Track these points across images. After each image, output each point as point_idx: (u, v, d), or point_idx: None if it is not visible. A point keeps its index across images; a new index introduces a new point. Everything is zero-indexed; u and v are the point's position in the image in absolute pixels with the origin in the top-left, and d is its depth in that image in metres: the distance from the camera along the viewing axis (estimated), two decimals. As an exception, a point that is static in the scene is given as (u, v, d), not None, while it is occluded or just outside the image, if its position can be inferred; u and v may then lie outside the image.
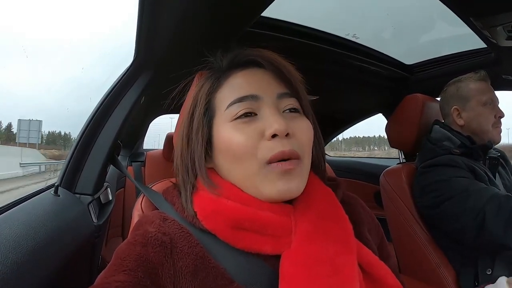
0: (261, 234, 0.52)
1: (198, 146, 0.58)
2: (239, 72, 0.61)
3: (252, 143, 0.53)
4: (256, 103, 0.56)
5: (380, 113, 2.24)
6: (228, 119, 0.57)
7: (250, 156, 0.53)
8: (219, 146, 0.58)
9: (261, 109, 0.56)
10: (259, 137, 0.54)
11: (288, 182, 0.53)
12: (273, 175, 0.53)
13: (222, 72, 0.63)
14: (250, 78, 0.60)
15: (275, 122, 0.53)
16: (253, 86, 0.58)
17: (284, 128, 0.52)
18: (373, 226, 0.69)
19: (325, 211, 0.56)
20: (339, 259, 0.49)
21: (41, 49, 54.26)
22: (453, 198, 1.15)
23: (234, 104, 0.57)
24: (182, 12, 0.89)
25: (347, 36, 1.49)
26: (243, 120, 0.56)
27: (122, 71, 1.25)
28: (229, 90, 0.60)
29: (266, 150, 0.53)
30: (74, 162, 1.08)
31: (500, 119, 1.31)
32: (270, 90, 0.58)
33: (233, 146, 0.55)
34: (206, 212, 0.55)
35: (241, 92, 0.57)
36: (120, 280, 0.45)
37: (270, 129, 0.53)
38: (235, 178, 0.57)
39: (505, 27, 1.01)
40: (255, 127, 0.55)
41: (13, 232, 0.65)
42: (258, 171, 0.53)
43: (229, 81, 0.61)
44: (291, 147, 0.53)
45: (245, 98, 0.56)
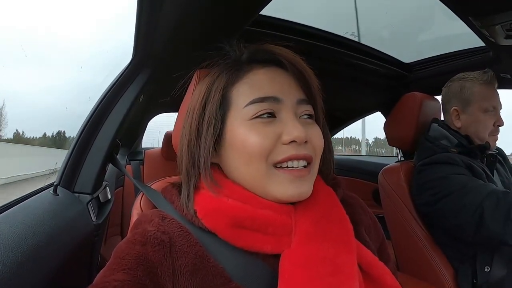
0: (262, 233, 0.52)
1: (208, 139, 0.57)
2: (261, 69, 0.60)
3: (268, 145, 0.53)
4: (277, 105, 0.56)
5: (378, 111, 2.24)
6: (246, 117, 0.56)
7: (261, 158, 0.53)
8: (231, 143, 0.57)
9: (281, 112, 0.56)
10: (275, 140, 0.54)
11: (300, 187, 0.53)
12: (283, 179, 0.53)
13: (241, 65, 0.61)
14: (273, 78, 0.58)
15: (295, 128, 0.53)
16: (275, 87, 0.57)
17: (304, 135, 0.53)
18: (373, 227, 0.69)
19: (326, 211, 0.56)
20: (339, 259, 0.50)
21: (38, 47, 53.20)
22: (451, 195, 1.15)
23: (255, 104, 0.55)
24: (180, 10, 0.89)
25: (346, 34, 1.49)
26: (262, 121, 0.55)
27: (121, 70, 1.24)
28: (249, 86, 0.58)
29: (280, 153, 0.53)
30: (73, 161, 1.08)
31: (498, 128, 1.30)
32: (291, 94, 0.57)
33: (248, 145, 0.54)
34: (206, 210, 0.55)
35: (263, 92, 0.56)
36: (119, 279, 0.45)
37: (289, 135, 0.53)
38: (241, 176, 0.57)
39: (503, 26, 1.01)
40: (273, 129, 0.54)
41: (12, 231, 0.64)
42: (266, 173, 0.54)
43: (249, 76, 0.59)
44: (306, 151, 0.54)
45: (267, 99, 0.55)
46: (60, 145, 5.61)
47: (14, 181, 2.82)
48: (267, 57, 0.61)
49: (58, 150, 4.73)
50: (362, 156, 4.28)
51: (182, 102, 0.81)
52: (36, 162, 3.44)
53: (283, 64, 0.59)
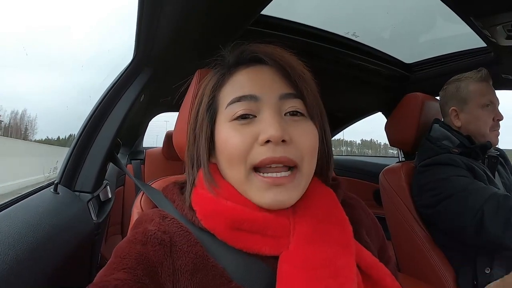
0: (261, 234, 0.52)
1: (202, 141, 0.58)
2: (244, 69, 0.59)
3: (245, 146, 0.52)
4: (255, 104, 0.54)
5: (379, 112, 2.24)
6: (227, 118, 0.55)
7: (241, 160, 0.52)
8: (218, 145, 0.57)
9: (261, 111, 0.54)
10: (253, 140, 0.52)
11: (278, 194, 0.51)
12: (261, 184, 0.52)
13: (228, 68, 0.61)
14: (253, 76, 0.58)
15: (270, 126, 0.51)
16: (255, 85, 0.56)
17: (279, 134, 0.50)
18: (373, 228, 0.69)
19: (325, 213, 0.55)
20: (338, 261, 0.49)
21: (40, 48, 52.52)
22: (452, 197, 1.15)
23: (234, 104, 0.55)
24: (181, 10, 0.90)
25: (347, 34, 1.49)
26: (240, 122, 0.54)
27: (122, 69, 1.25)
28: (231, 87, 0.58)
29: (256, 155, 0.51)
30: (73, 160, 1.08)
31: (498, 122, 1.30)
32: (272, 90, 0.55)
33: (228, 147, 0.54)
34: (205, 211, 0.55)
35: (242, 91, 0.56)
36: (120, 278, 0.45)
37: (264, 134, 0.51)
38: (229, 179, 0.56)
39: (504, 26, 1.01)
40: (251, 129, 0.53)
41: (12, 230, 0.65)
42: (245, 177, 0.53)
43: (233, 78, 0.59)
44: (285, 154, 0.51)
45: (243, 98, 0.55)
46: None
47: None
48: (250, 56, 0.60)
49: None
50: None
51: (183, 102, 0.81)
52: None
53: (265, 61, 0.58)
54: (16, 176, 1.44)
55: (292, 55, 0.60)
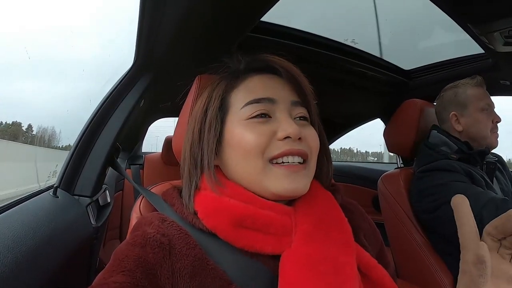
0: (263, 232, 0.53)
1: (210, 140, 0.60)
2: (256, 75, 0.63)
3: (263, 141, 0.56)
4: (272, 106, 0.59)
5: (378, 118, 2.25)
6: (242, 117, 0.58)
7: (258, 153, 0.55)
8: (229, 142, 0.59)
9: (276, 113, 0.59)
10: (271, 136, 0.56)
11: (295, 182, 0.55)
12: (279, 171, 0.55)
13: (239, 74, 0.65)
14: (267, 82, 0.62)
15: (289, 125, 0.55)
16: (270, 90, 0.60)
17: (298, 132, 0.55)
18: (372, 234, 0.70)
19: (326, 213, 0.57)
20: (339, 259, 0.50)
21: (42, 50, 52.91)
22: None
23: (251, 105, 0.59)
24: (182, 16, 0.90)
25: (346, 41, 1.50)
26: (257, 120, 0.58)
27: (122, 74, 1.25)
28: (245, 91, 0.61)
29: (275, 149, 0.55)
30: (73, 163, 1.08)
31: (497, 124, 1.32)
32: (285, 96, 0.61)
33: (244, 142, 0.56)
34: (207, 210, 0.56)
35: (258, 94, 0.59)
36: (118, 281, 0.45)
37: (284, 132, 0.55)
38: (241, 174, 0.58)
39: (502, 32, 1.02)
40: (269, 127, 0.57)
41: (11, 232, 0.65)
42: (262, 168, 0.55)
43: (246, 83, 0.63)
44: (301, 147, 0.56)
45: (262, 100, 0.59)
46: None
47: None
48: (262, 65, 0.64)
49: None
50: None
51: (183, 107, 0.82)
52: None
53: (277, 71, 0.63)
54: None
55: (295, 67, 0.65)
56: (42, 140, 3.13)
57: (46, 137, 2.98)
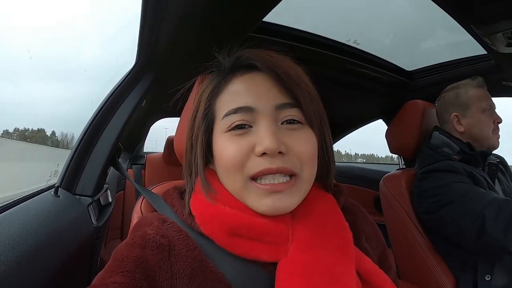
0: (259, 241, 0.52)
1: (198, 150, 0.58)
2: (240, 77, 0.58)
3: (240, 157, 0.52)
4: (251, 115, 0.54)
5: (380, 119, 2.24)
6: (223, 129, 0.55)
7: (237, 170, 0.52)
8: (215, 154, 0.57)
9: (257, 121, 0.54)
10: (249, 151, 0.52)
11: (277, 201, 0.51)
12: (259, 192, 0.52)
13: (224, 76, 0.60)
14: (249, 85, 0.57)
15: (266, 138, 0.50)
16: (251, 95, 0.55)
17: (275, 146, 0.50)
18: (374, 235, 0.68)
19: (325, 219, 0.55)
20: (337, 268, 0.49)
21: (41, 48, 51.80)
22: (453, 203, 1.15)
23: (230, 115, 0.55)
24: (183, 16, 0.90)
25: (348, 42, 1.49)
26: (236, 132, 0.54)
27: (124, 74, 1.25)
28: (228, 97, 0.57)
29: (253, 166, 0.52)
30: (74, 163, 1.08)
31: (498, 125, 1.32)
32: (268, 100, 0.55)
33: (223, 157, 0.54)
34: (204, 217, 0.55)
35: (238, 102, 0.55)
36: (117, 282, 0.45)
37: (260, 146, 0.51)
38: (227, 186, 0.56)
39: (505, 34, 1.01)
40: (247, 140, 0.53)
41: (12, 232, 0.65)
42: (243, 185, 0.53)
43: (229, 87, 0.58)
44: (282, 164, 0.51)
45: (239, 110, 0.54)
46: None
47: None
48: (246, 63, 0.59)
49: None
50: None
51: (184, 108, 0.82)
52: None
53: (259, 68, 0.57)
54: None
55: (290, 59, 0.60)
56: (64, 143, 3.36)
57: (65, 141, 3.23)
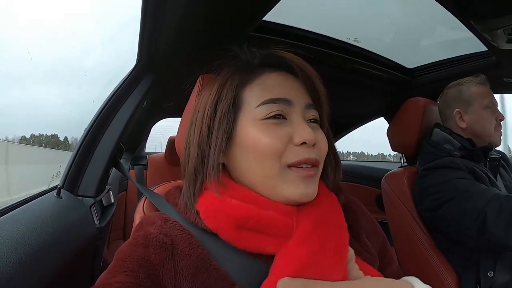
0: (265, 234, 0.53)
1: (219, 138, 0.57)
2: (272, 73, 0.61)
3: (280, 145, 0.54)
4: (287, 107, 0.57)
5: (381, 117, 2.24)
6: (257, 117, 0.56)
7: (275, 158, 0.54)
8: (243, 142, 0.57)
9: (291, 115, 0.57)
10: (287, 140, 0.55)
11: (308, 187, 0.55)
12: (295, 178, 0.54)
13: (253, 68, 0.62)
14: (284, 82, 0.60)
15: (305, 131, 0.54)
16: (287, 90, 0.58)
17: (313, 138, 0.54)
18: (373, 231, 0.70)
19: (326, 217, 0.56)
20: (328, 268, 0.50)
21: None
22: (454, 200, 1.15)
23: (267, 104, 0.56)
24: (184, 16, 0.90)
25: (348, 40, 1.49)
26: (273, 121, 0.56)
27: (125, 75, 1.25)
28: (261, 88, 0.59)
29: (292, 155, 0.54)
30: (76, 164, 1.09)
31: (500, 122, 1.32)
32: (301, 98, 0.59)
33: (260, 145, 0.55)
34: (209, 211, 0.55)
35: (275, 94, 0.57)
36: (121, 281, 0.45)
37: (300, 137, 0.54)
38: (252, 176, 0.57)
39: (505, 30, 1.01)
40: (285, 131, 0.55)
41: (15, 233, 0.65)
42: (278, 173, 0.54)
43: (261, 79, 0.60)
44: (315, 155, 0.56)
45: (278, 100, 0.57)
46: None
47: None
48: (277, 62, 0.62)
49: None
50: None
51: (186, 107, 0.82)
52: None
53: (293, 70, 0.61)
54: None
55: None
56: (73, 146, 3.52)
57: (74, 145, 3.38)
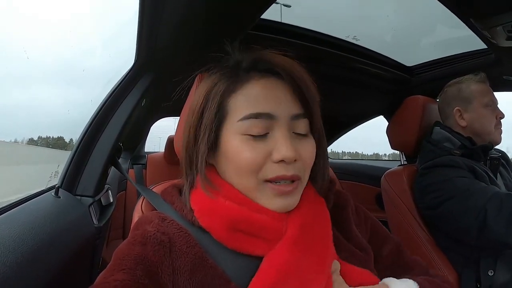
0: (255, 236, 0.54)
1: (203, 144, 0.57)
2: (258, 80, 0.58)
3: (258, 162, 0.54)
4: (270, 121, 0.55)
5: (381, 115, 2.24)
6: (239, 131, 0.55)
7: (252, 173, 0.54)
8: (225, 152, 0.57)
9: (274, 129, 0.55)
10: (266, 156, 0.54)
11: (286, 200, 0.55)
12: (270, 194, 0.55)
13: (240, 74, 0.59)
14: (269, 91, 0.57)
15: (284, 147, 0.53)
16: (271, 102, 0.56)
17: (293, 155, 0.53)
18: (359, 218, 0.72)
19: (313, 223, 0.58)
20: (310, 274, 0.52)
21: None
22: (454, 198, 1.15)
23: (249, 119, 0.55)
24: (182, 15, 0.90)
25: (348, 38, 1.49)
26: (254, 137, 0.55)
27: (123, 74, 1.25)
28: (245, 99, 0.57)
29: (270, 171, 0.54)
30: (75, 163, 1.08)
31: (500, 120, 1.31)
32: (286, 109, 0.56)
33: (239, 160, 0.54)
34: (203, 210, 0.56)
35: (258, 107, 0.55)
36: (119, 279, 0.46)
37: (278, 154, 0.53)
38: (235, 184, 0.57)
39: (504, 27, 1.01)
40: (265, 146, 0.54)
41: (13, 233, 0.65)
42: (256, 187, 0.55)
43: (246, 88, 0.58)
44: (294, 172, 0.54)
45: (260, 116, 0.55)
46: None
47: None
48: (266, 67, 0.59)
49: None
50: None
51: (184, 106, 0.81)
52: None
53: (281, 75, 0.58)
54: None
55: (299, 65, 0.60)
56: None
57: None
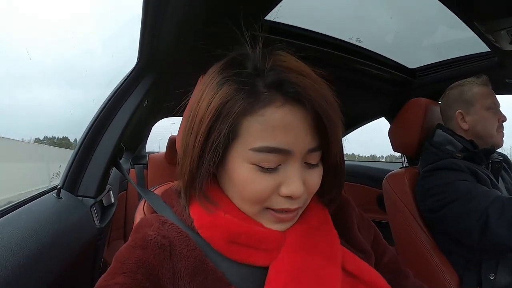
0: (255, 248, 0.54)
1: (206, 163, 0.53)
2: (279, 107, 0.49)
3: (265, 195, 0.52)
4: (284, 156, 0.50)
5: (383, 117, 2.24)
6: (249, 160, 0.51)
7: (257, 203, 0.53)
8: (230, 175, 0.54)
9: (287, 162, 0.51)
10: (274, 189, 0.52)
11: (284, 225, 0.56)
12: (270, 219, 0.55)
13: (260, 92, 0.50)
14: (289, 123, 0.50)
15: (294, 184, 0.51)
16: (289, 136, 0.50)
17: (300, 192, 0.51)
18: (363, 224, 0.71)
19: (315, 226, 0.58)
20: (321, 270, 0.52)
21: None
22: (456, 201, 1.14)
23: (264, 153, 0.50)
24: (185, 15, 0.90)
25: (350, 40, 1.48)
26: (265, 170, 0.51)
27: (126, 74, 1.25)
28: (261, 129, 0.50)
29: (274, 202, 0.53)
30: (76, 164, 1.08)
31: (502, 123, 1.31)
32: (303, 144, 0.51)
33: (245, 189, 0.52)
34: (203, 222, 0.56)
35: (274, 141, 0.49)
36: (120, 282, 0.46)
37: (287, 190, 0.51)
38: (236, 204, 0.57)
39: (508, 31, 1.01)
40: (274, 179, 0.51)
41: (15, 234, 0.65)
42: (257, 213, 0.55)
43: (265, 113, 0.49)
44: (299, 205, 0.54)
45: (276, 151, 0.50)
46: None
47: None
48: (291, 89, 0.49)
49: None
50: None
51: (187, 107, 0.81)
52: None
53: (305, 104, 0.50)
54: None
55: (325, 84, 0.57)
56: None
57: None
